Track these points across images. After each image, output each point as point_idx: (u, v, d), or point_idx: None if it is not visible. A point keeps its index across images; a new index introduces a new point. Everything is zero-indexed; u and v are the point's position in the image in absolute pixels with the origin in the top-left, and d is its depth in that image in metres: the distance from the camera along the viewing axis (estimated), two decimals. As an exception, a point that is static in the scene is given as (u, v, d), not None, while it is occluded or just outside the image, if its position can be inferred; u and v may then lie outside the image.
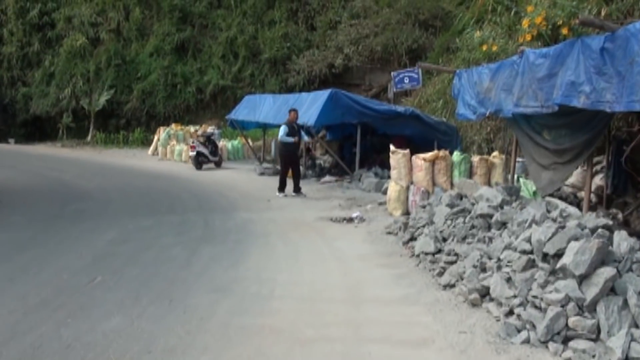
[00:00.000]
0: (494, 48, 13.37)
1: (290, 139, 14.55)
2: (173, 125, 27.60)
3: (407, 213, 11.15)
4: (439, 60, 22.86)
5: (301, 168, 18.61)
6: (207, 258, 8.04)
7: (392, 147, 11.67)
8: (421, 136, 17.70)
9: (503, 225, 6.67)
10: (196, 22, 33.85)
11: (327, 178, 17.29)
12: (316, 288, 6.62)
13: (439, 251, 7.18)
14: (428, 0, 26.78)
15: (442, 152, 11.23)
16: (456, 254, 6.70)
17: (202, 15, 33.61)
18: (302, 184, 16.16)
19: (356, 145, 17.58)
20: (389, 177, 16.81)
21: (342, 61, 27.29)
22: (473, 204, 7.62)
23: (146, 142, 30.32)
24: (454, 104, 19.31)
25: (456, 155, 11.42)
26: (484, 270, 5.98)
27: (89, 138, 33.04)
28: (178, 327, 5.34)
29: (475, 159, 11.44)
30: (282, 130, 14.62)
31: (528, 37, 12.66)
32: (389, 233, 9.39)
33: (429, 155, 11.22)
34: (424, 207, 9.15)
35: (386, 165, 17.55)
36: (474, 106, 9.17)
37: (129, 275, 7.13)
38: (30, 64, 36.25)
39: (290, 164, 14.73)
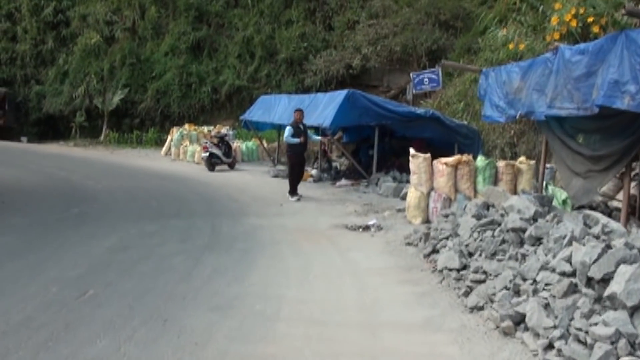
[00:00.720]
0: (521, 47, 12.62)
1: (296, 140, 14.15)
2: (186, 126, 27.02)
3: (427, 221, 10.46)
4: (460, 62, 22.13)
5: (316, 171, 18.08)
6: (210, 269, 7.41)
7: (412, 151, 10.95)
8: (441, 139, 17.00)
9: (537, 240, 5.97)
10: (212, 21, 33.28)
11: (343, 182, 16.61)
12: (327, 308, 5.96)
13: (465, 267, 6.47)
14: (449, 0, 26.02)
15: (465, 157, 10.50)
16: (484, 272, 5.99)
17: (218, 14, 33.03)
18: (317, 187, 15.80)
19: (374, 148, 16.90)
20: (407, 181, 16.16)
21: (359, 62, 26.56)
22: (502, 215, 6.90)
23: (160, 142, 29.71)
24: (476, 106, 18.71)
25: (480, 160, 10.68)
26: (517, 293, 5.28)
27: (102, 137, 32.52)
28: (169, 355, 4.72)
29: (501, 164, 10.68)
30: (287, 131, 14.27)
31: (556, 36, 11.98)
32: (409, 244, 8.68)
33: (451, 159, 10.50)
34: (446, 216, 8.44)
35: (405, 169, 16.89)
36: (503, 107, 8.44)
37: (124, 288, 6.53)
38: (44, 62, 35.78)
39: (297, 165, 14.46)
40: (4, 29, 36.38)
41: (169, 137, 26.45)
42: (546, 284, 5.00)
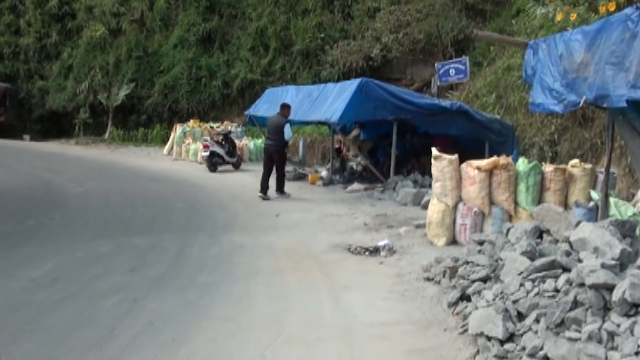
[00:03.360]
0: (572, 17, 10.14)
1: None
2: (191, 122, 25.01)
3: (453, 241, 8.19)
4: (490, 50, 19.80)
5: (326, 172, 16.03)
6: (144, 322, 5.24)
7: (434, 151, 8.57)
8: (470, 137, 14.69)
9: (634, 308, 3.69)
10: (224, 11, 31.38)
11: (355, 186, 14.27)
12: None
13: (512, 337, 4.16)
14: (476, -19, 23.72)
15: (503, 159, 8.10)
16: (547, 358, 3.72)
17: (230, 4, 31.08)
18: (326, 191, 14.29)
19: (392, 147, 14.52)
20: (430, 186, 13.90)
21: (380, 52, 24.28)
22: (568, 254, 4.59)
23: (167, 140, 27.76)
24: (510, 98, 16.26)
25: (522, 164, 8.22)
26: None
27: (106, 135, 30.69)
28: None
29: (549, 169, 8.22)
30: (290, 128, 13.32)
31: (612, 7, 9.59)
32: (428, 279, 6.31)
33: (485, 163, 8.06)
34: (480, 243, 6.09)
35: (427, 172, 14.70)
36: (559, 92, 6.01)
37: (4, 360, 4.44)
38: (49, 57, 34.24)
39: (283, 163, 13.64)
40: (7, 22, 34.98)
41: (172, 135, 24.42)
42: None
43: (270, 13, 29.34)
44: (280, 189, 13.27)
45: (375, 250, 7.85)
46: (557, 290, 4.19)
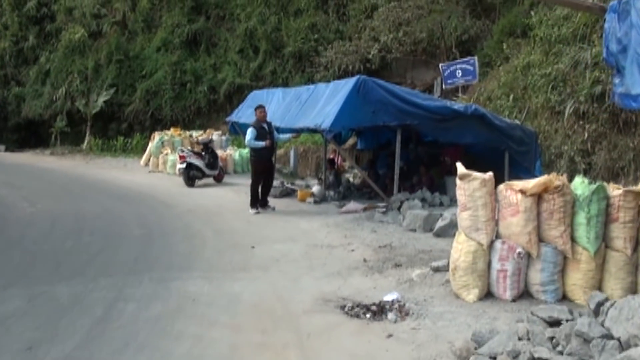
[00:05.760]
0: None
1: (260, 143, 12.16)
2: (170, 130, 22.81)
3: (488, 293, 5.91)
4: (503, 47, 17.59)
5: (318, 187, 13.80)
6: None
7: (460, 168, 6.17)
8: (485, 145, 12.45)
9: None
10: (211, 12, 29.61)
11: (352, 205, 11.90)
12: None
13: None
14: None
15: (556, 178, 5.76)
16: None
17: (218, 4, 29.36)
18: (317, 211, 12.16)
19: (394, 158, 12.19)
20: (441, 204, 11.69)
21: (378, 52, 22.19)
22: None
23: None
24: (533, 100, 13.93)
25: (581, 185, 5.91)
26: None
27: (84, 145, 28.48)
28: None
29: (616, 192, 5.87)
30: (250, 133, 12.21)
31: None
32: None
33: (531, 184, 5.64)
34: (552, 324, 3.85)
35: (437, 187, 12.52)
36: None
37: None
38: (26, 61, 32.49)
39: (262, 173, 12.47)
40: (-18, 26, 32.98)
41: (150, 144, 22.15)
42: None
43: (260, 13, 27.64)
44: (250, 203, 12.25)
45: (380, 311, 5.50)
46: None
